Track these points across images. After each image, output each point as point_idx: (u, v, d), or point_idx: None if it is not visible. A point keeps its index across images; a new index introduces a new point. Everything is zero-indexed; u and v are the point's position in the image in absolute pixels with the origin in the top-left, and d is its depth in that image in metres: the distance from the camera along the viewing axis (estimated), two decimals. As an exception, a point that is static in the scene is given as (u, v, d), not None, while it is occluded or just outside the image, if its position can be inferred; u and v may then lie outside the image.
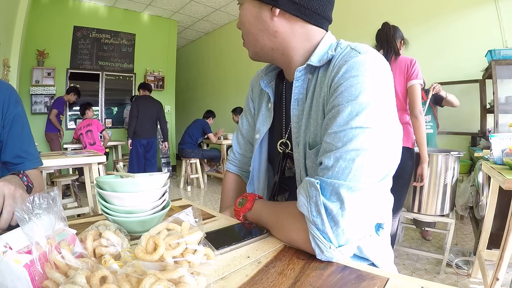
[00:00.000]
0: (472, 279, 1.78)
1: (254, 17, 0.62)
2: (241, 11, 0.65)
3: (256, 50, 0.67)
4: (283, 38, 0.62)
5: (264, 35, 0.63)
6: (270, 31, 0.62)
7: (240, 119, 0.89)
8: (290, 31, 0.62)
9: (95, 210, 2.73)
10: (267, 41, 0.63)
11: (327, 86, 0.57)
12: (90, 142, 3.90)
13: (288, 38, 0.62)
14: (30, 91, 4.54)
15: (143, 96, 4.30)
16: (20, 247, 0.36)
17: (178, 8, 5.48)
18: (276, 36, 0.62)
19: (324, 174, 0.49)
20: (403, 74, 1.70)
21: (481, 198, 1.94)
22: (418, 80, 1.67)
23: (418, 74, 1.67)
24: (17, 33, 3.33)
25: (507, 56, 2.53)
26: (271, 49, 0.64)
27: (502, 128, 2.57)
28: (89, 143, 3.88)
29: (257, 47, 0.66)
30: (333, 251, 0.46)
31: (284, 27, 0.61)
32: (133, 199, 0.55)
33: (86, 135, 3.90)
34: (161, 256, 0.39)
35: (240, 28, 0.67)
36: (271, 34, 0.62)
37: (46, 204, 0.41)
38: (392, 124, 0.51)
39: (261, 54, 0.67)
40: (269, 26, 0.61)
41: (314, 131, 0.60)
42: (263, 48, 0.65)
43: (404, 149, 1.46)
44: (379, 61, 0.54)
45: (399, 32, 1.81)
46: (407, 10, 3.52)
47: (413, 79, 1.67)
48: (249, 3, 0.62)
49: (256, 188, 0.79)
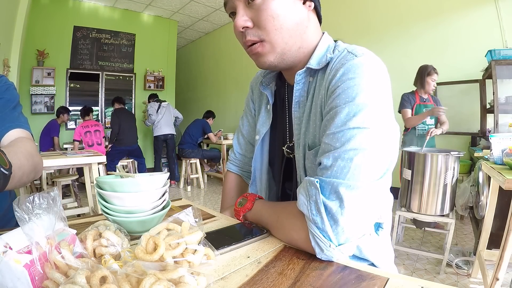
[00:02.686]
0: (472, 279, 1.78)
1: (291, 10, 0.56)
2: (270, 2, 0.54)
3: (285, 51, 0.58)
4: (308, 35, 0.60)
5: (298, 30, 0.58)
6: (303, 26, 0.58)
7: (241, 119, 0.89)
8: (313, 28, 0.61)
9: (95, 210, 2.73)
10: (298, 38, 0.58)
11: (324, 89, 0.57)
12: (98, 141, 3.96)
13: (311, 34, 0.61)
14: (30, 91, 4.53)
15: (120, 109, 4.46)
16: (20, 247, 0.36)
17: (178, 8, 5.48)
18: (305, 32, 0.59)
19: (323, 173, 0.50)
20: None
21: (481, 198, 1.95)
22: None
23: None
24: (17, 33, 3.33)
25: (507, 56, 2.53)
26: (299, 47, 0.59)
27: (502, 128, 2.57)
28: (96, 143, 3.94)
29: (287, 45, 0.58)
30: (333, 250, 0.47)
31: (312, 22, 0.60)
32: (133, 199, 0.55)
33: (95, 134, 3.95)
34: (161, 256, 0.39)
35: (259, 26, 0.56)
36: (302, 30, 0.58)
37: (46, 204, 0.41)
38: (389, 124, 0.52)
39: (288, 55, 0.59)
40: (305, 20, 0.58)
41: (313, 133, 0.61)
42: (292, 47, 0.58)
43: None
44: (376, 63, 0.54)
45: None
46: (407, 10, 3.52)
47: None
48: None
49: (258, 189, 0.80)
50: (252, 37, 0.57)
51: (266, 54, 0.58)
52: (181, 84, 7.51)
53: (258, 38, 0.57)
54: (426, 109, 2.47)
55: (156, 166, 4.91)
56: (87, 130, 3.93)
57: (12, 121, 0.80)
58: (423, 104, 2.52)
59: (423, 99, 2.53)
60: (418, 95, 2.53)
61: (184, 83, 7.82)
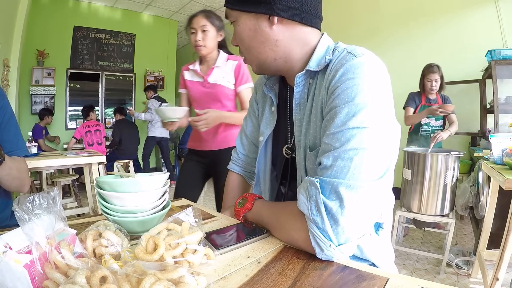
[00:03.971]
0: (472, 279, 1.77)
1: (253, 30, 0.61)
2: (236, 28, 0.64)
3: (259, 64, 0.66)
4: (284, 46, 0.62)
5: (266, 47, 0.62)
6: (271, 41, 0.61)
7: (245, 120, 0.90)
8: (289, 37, 0.62)
9: (95, 210, 2.73)
10: (270, 52, 0.63)
11: (324, 90, 0.58)
12: (98, 141, 3.97)
13: (289, 45, 0.62)
14: (30, 91, 4.53)
15: (122, 120, 4.44)
16: (20, 247, 0.36)
17: (178, 8, 5.48)
18: (277, 45, 0.62)
19: (323, 173, 0.50)
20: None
21: (481, 198, 1.94)
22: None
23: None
24: (17, 33, 3.33)
25: (507, 56, 2.53)
26: (274, 59, 0.64)
27: (502, 128, 2.57)
28: (97, 142, 3.94)
29: (260, 60, 0.65)
30: (333, 250, 0.47)
31: (284, 34, 0.61)
32: (133, 199, 0.55)
33: (95, 134, 3.95)
34: (161, 256, 0.39)
35: (237, 45, 0.67)
36: (272, 44, 0.62)
37: (46, 204, 0.41)
38: (389, 124, 0.52)
39: (265, 66, 0.66)
40: (270, 36, 0.61)
41: (314, 134, 0.61)
42: (266, 60, 0.64)
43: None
44: (375, 63, 0.54)
45: None
46: (407, 10, 3.52)
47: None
48: (245, 17, 0.61)
49: (262, 190, 0.80)
50: (240, 51, 0.69)
51: (250, 65, 0.69)
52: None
53: (242, 53, 0.68)
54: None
55: (145, 169, 4.74)
56: (88, 130, 3.94)
57: (15, 143, 0.91)
58: (427, 105, 2.46)
59: (429, 100, 2.47)
60: (424, 96, 2.49)
61: (184, 83, 7.81)
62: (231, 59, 1.55)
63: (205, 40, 1.45)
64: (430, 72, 2.37)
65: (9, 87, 3.27)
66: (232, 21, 0.65)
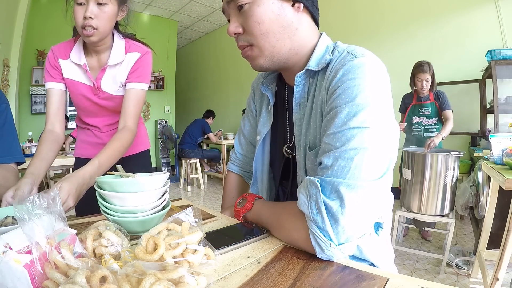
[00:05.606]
0: (472, 279, 1.77)
1: (277, 14, 0.57)
2: (255, 9, 0.56)
3: (273, 53, 0.60)
4: (300, 37, 0.61)
5: (285, 33, 0.59)
6: (292, 28, 0.59)
7: (242, 120, 0.90)
8: (305, 29, 0.61)
9: (95, 210, 2.72)
10: (287, 40, 0.59)
11: (324, 90, 0.58)
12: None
13: (304, 37, 0.61)
14: (30, 91, 4.53)
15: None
16: (20, 247, 0.36)
17: (178, 8, 5.48)
18: (296, 34, 0.60)
19: (324, 173, 0.50)
20: None
21: (481, 198, 1.94)
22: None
23: None
24: (17, 33, 3.33)
25: (507, 56, 2.53)
26: (289, 49, 0.60)
27: (502, 128, 2.57)
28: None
29: (276, 48, 0.59)
30: (333, 249, 0.47)
31: (302, 24, 0.60)
32: (133, 199, 0.55)
33: None
34: (161, 256, 0.39)
35: (238, 33, 0.60)
36: (292, 31, 0.59)
37: (46, 204, 0.41)
38: (389, 124, 0.52)
39: (277, 57, 0.61)
40: (292, 22, 0.58)
41: (314, 134, 0.61)
42: (281, 49, 0.60)
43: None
44: (376, 63, 0.54)
45: None
46: (407, 10, 3.52)
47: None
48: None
49: (260, 190, 0.80)
50: (242, 42, 0.61)
51: (256, 58, 0.61)
52: (181, 84, 7.50)
53: (248, 43, 0.60)
54: (421, 109, 2.45)
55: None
56: None
57: (7, 150, 0.88)
58: (418, 104, 2.47)
59: (421, 98, 2.46)
60: (416, 95, 2.50)
61: (184, 83, 7.82)
62: (131, 50, 1.09)
63: (100, 18, 0.93)
64: (420, 71, 2.31)
65: (9, 87, 3.28)
66: (246, 2, 0.57)
